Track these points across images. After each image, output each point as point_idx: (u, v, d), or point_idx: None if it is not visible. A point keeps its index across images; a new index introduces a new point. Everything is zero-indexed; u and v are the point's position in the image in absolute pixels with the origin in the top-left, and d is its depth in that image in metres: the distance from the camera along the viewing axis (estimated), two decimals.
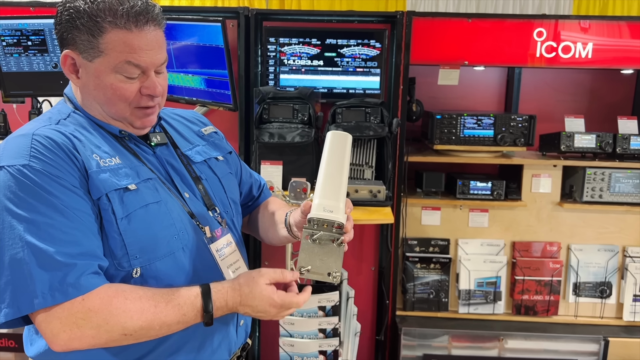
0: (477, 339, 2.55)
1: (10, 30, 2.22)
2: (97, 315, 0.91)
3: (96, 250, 0.96)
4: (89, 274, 0.93)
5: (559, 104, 2.93)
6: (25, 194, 0.91)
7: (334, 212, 1.04)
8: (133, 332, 0.94)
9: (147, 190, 1.03)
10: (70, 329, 0.91)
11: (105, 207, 0.98)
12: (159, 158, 1.12)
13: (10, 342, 2.55)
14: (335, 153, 1.12)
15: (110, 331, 0.93)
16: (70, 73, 1.04)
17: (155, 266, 1.02)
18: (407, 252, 2.63)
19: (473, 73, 2.88)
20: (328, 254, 1.04)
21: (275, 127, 2.33)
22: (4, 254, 0.90)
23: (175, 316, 0.97)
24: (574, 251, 2.62)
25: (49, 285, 0.89)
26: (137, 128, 1.09)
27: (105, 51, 0.99)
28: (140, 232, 1.00)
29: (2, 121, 2.57)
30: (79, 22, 0.97)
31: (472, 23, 2.42)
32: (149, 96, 1.04)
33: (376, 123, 2.35)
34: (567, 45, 2.44)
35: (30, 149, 0.94)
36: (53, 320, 0.90)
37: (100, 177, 0.98)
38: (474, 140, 2.54)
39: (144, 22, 0.99)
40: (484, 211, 2.61)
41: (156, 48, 1.02)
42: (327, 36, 2.47)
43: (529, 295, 2.62)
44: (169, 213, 1.05)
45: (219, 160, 1.24)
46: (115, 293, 0.94)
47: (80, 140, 1.01)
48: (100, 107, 1.06)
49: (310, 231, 1.04)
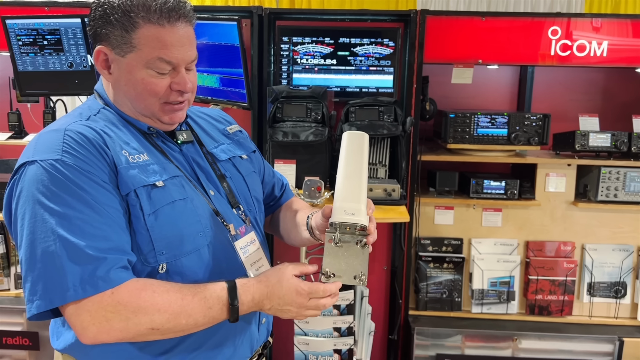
0: (491, 339, 2.54)
1: (27, 29, 2.24)
2: (126, 308, 0.92)
3: (125, 245, 0.97)
4: (118, 268, 0.93)
5: (572, 103, 2.91)
6: (57, 188, 0.92)
7: (355, 214, 1.03)
8: (160, 326, 0.94)
9: (174, 187, 1.04)
10: (100, 322, 0.91)
11: (133, 203, 0.98)
12: (185, 155, 1.13)
13: (24, 340, 2.56)
14: (353, 154, 1.10)
15: (138, 324, 0.93)
16: (102, 69, 1.05)
17: (181, 262, 1.03)
18: (420, 251, 2.62)
19: (485, 72, 2.87)
20: (353, 257, 1.03)
21: (289, 126, 2.33)
22: (37, 247, 0.91)
23: (202, 309, 0.96)
24: (589, 251, 2.60)
25: (79, 278, 0.90)
26: (166, 123, 1.09)
27: (138, 46, 1.00)
28: (166, 228, 1.00)
29: (16, 120, 2.60)
30: (112, 17, 0.99)
31: (486, 22, 2.41)
32: (178, 92, 1.05)
33: (390, 122, 2.35)
34: (582, 44, 2.42)
35: (62, 144, 0.95)
36: (83, 313, 0.91)
37: (129, 173, 0.99)
38: (488, 139, 2.53)
39: (176, 18, 1.00)
40: (497, 210, 2.60)
41: (187, 44, 1.03)
42: (340, 35, 2.47)
43: (542, 295, 2.60)
44: (195, 210, 1.05)
45: (243, 159, 1.25)
46: (144, 286, 0.95)
47: (110, 136, 1.02)
48: (130, 103, 1.06)
49: (332, 235, 1.03)
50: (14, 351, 2.57)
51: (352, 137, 1.12)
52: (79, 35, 2.23)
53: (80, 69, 2.29)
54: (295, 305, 1.01)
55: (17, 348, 2.56)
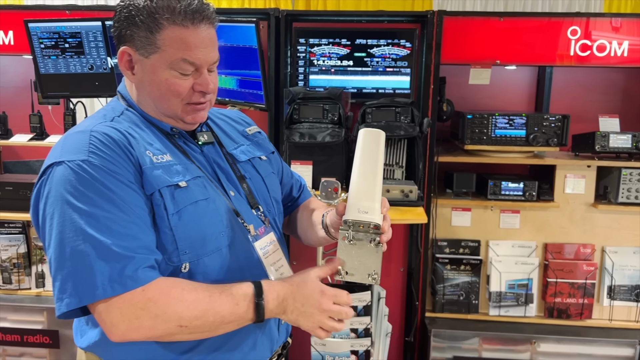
0: (509, 342, 2.52)
1: (48, 33, 2.28)
2: (156, 305, 0.93)
3: (151, 243, 0.98)
4: (146, 267, 0.94)
5: (591, 103, 2.87)
6: (85, 188, 0.93)
7: (369, 213, 1.02)
8: (189, 323, 0.94)
9: (197, 187, 1.05)
10: (129, 319, 0.92)
11: (157, 203, 0.99)
12: (206, 156, 1.14)
13: (45, 338, 2.60)
14: (369, 151, 1.09)
15: (167, 321, 0.93)
16: (126, 69, 1.07)
17: (203, 262, 1.03)
18: (436, 253, 2.61)
19: (503, 73, 2.84)
20: (366, 255, 1.02)
21: (306, 127, 2.34)
22: (66, 246, 0.92)
23: (229, 306, 0.97)
24: (609, 253, 2.57)
25: (108, 277, 0.91)
26: (188, 124, 1.11)
27: (162, 47, 1.01)
28: (190, 227, 1.01)
29: (38, 122, 2.64)
30: (137, 19, 1.00)
31: (504, 22, 2.40)
32: (201, 93, 1.06)
33: (407, 123, 2.34)
34: (602, 44, 2.39)
35: (88, 145, 0.97)
36: (113, 310, 0.92)
37: (154, 173, 1.00)
38: (506, 140, 2.51)
39: (200, 20, 1.02)
40: (515, 212, 2.58)
41: (210, 46, 1.04)
42: (356, 36, 2.47)
43: (561, 298, 2.57)
44: (217, 210, 1.06)
45: (262, 160, 1.25)
46: (173, 284, 0.96)
47: (134, 137, 1.03)
48: (153, 103, 1.08)
49: (346, 233, 1.03)
50: (34, 349, 2.61)
51: (368, 134, 1.11)
52: (99, 38, 2.27)
53: (100, 71, 2.33)
54: (319, 307, 1.01)
55: (38, 346, 2.60)
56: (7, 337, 2.60)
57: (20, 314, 2.61)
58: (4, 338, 2.59)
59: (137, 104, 1.10)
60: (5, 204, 2.58)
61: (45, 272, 2.67)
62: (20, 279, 2.65)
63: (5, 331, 2.59)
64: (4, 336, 2.59)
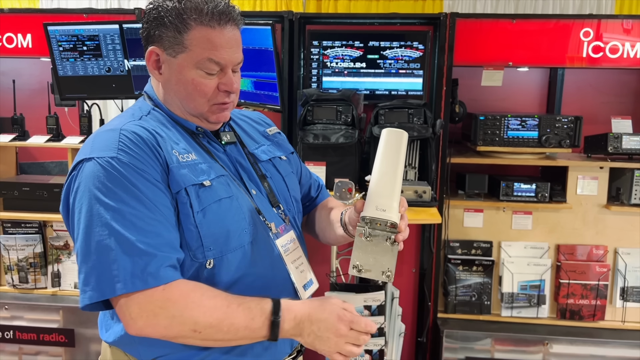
0: (521, 343, 2.52)
1: (67, 35, 2.32)
2: (175, 306, 0.95)
3: (175, 242, 1.00)
4: (168, 267, 0.96)
5: (603, 105, 2.87)
6: (112, 184, 0.96)
7: (387, 210, 1.03)
8: (203, 329, 0.96)
9: (220, 185, 1.07)
10: (147, 315, 0.94)
11: (183, 201, 1.02)
12: (229, 156, 1.16)
13: (60, 337, 2.63)
14: (390, 151, 1.10)
15: (182, 323, 0.95)
16: (153, 69, 1.10)
17: (227, 258, 1.06)
18: (449, 254, 2.62)
19: (514, 75, 2.86)
20: (382, 253, 1.03)
21: (319, 129, 2.36)
22: (91, 240, 0.95)
23: (244, 319, 0.97)
24: (622, 255, 2.56)
25: (130, 272, 0.93)
26: (212, 123, 1.13)
27: (189, 47, 1.04)
28: (214, 224, 1.04)
29: (54, 124, 2.68)
30: (166, 19, 1.03)
31: (517, 24, 2.41)
32: (225, 92, 1.09)
33: (419, 124, 2.36)
34: (615, 45, 2.40)
35: (118, 143, 1.00)
36: (133, 305, 0.94)
37: (180, 172, 1.03)
38: (518, 142, 2.52)
39: (226, 21, 1.05)
40: (527, 213, 2.58)
41: (235, 47, 1.07)
42: (369, 38, 2.49)
43: (574, 300, 2.57)
44: (239, 208, 1.08)
45: (282, 160, 1.28)
46: (194, 287, 0.98)
47: (161, 136, 1.06)
48: (180, 103, 1.11)
49: (363, 229, 1.04)
50: (50, 347, 2.64)
51: (390, 134, 1.12)
52: (116, 41, 2.30)
53: (117, 73, 2.36)
54: (335, 332, 0.99)
55: (54, 345, 2.63)
56: (24, 335, 2.63)
57: (36, 312, 2.64)
58: (20, 337, 2.63)
59: (163, 104, 1.13)
60: (22, 204, 2.63)
61: (61, 271, 2.70)
62: (37, 279, 2.69)
63: (22, 330, 2.63)
64: (21, 335, 2.63)
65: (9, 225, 2.67)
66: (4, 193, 2.62)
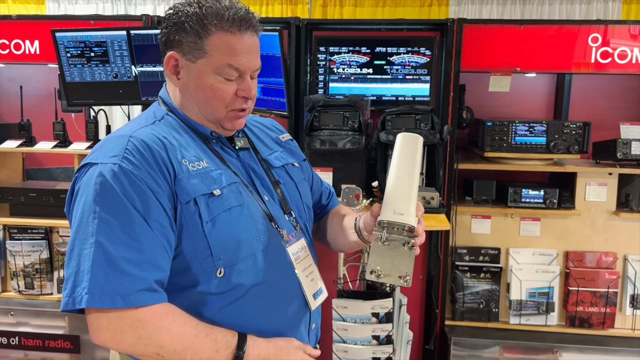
0: (530, 351, 2.49)
1: (75, 42, 2.32)
2: (143, 328, 0.93)
3: (158, 259, 0.97)
4: (141, 290, 0.94)
5: (610, 111, 2.86)
6: (107, 193, 0.95)
7: (404, 215, 1.02)
8: (166, 355, 0.95)
9: (231, 194, 1.06)
10: (114, 331, 0.93)
11: (192, 211, 1.00)
12: (242, 161, 1.15)
13: (66, 343, 2.63)
14: (406, 155, 1.10)
15: (148, 345, 0.94)
16: (171, 74, 1.09)
17: (238, 267, 1.04)
18: (456, 261, 2.60)
19: (521, 80, 2.84)
20: (399, 257, 1.02)
21: (326, 135, 2.35)
22: (75, 246, 0.94)
23: (209, 350, 0.97)
24: (631, 262, 2.54)
25: (101, 289, 0.92)
26: (227, 129, 1.13)
27: (209, 52, 1.04)
28: (224, 234, 1.02)
29: (61, 130, 2.68)
30: (187, 24, 1.03)
31: (524, 29, 2.40)
32: (243, 98, 1.08)
33: (427, 130, 2.35)
34: (623, 51, 2.39)
35: (124, 150, 0.99)
36: (102, 317, 0.93)
37: (190, 182, 1.02)
38: (526, 148, 2.50)
39: (246, 28, 1.05)
40: (535, 220, 2.56)
41: (254, 53, 1.07)
42: (376, 44, 2.49)
43: (583, 307, 2.54)
44: (250, 216, 1.07)
45: (294, 167, 1.27)
46: (166, 312, 0.96)
47: (172, 144, 1.05)
48: (197, 108, 1.10)
49: (380, 234, 1.03)
50: (55, 354, 2.63)
51: (406, 138, 1.12)
52: (124, 47, 2.31)
53: (124, 79, 2.36)
54: None
55: (59, 351, 2.63)
56: (29, 342, 2.63)
57: (42, 319, 2.63)
58: (25, 343, 2.62)
59: (179, 109, 1.12)
60: (28, 210, 2.63)
61: None
62: (43, 284, 2.68)
63: (27, 336, 2.62)
64: (26, 341, 2.62)
65: (15, 231, 2.67)
66: (11, 199, 2.62)
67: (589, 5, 3.55)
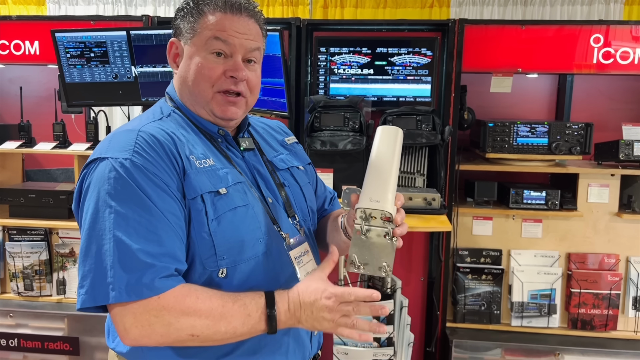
0: (532, 353, 2.47)
1: (74, 42, 2.31)
2: (170, 313, 0.92)
3: (177, 252, 0.97)
4: (164, 277, 0.93)
5: (612, 112, 2.85)
6: (121, 187, 0.94)
7: (380, 202, 1.01)
8: (200, 332, 0.94)
9: (237, 193, 1.05)
10: (142, 325, 0.92)
11: (199, 208, 0.99)
12: (247, 162, 1.14)
13: (65, 345, 2.61)
14: (385, 146, 1.10)
15: (179, 329, 0.93)
16: (172, 62, 1.11)
17: (240, 268, 1.03)
18: (457, 262, 2.58)
19: (523, 81, 2.83)
20: (379, 248, 1.02)
21: (327, 135, 2.34)
22: (92, 243, 0.93)
23: (241, 316, 0.96)
24: (634, 264, 2.52)
25: (126, 282, 0.91)
26: (218, 118, 1.10)
27: (199, 30, 1.06)
28: (228, 233, 1.01)
29: (61, 131, 2.67)
30: (186, 10, 1.07)
31: (526, 30, 2.39)
32: (232, 79, 1.06)
33: (428, 131, 2.34)
34: (626, 51, 2.38)
35: (134, 144, 0.98)
36: (127, 314, 0.92)
37: (197, 178, 1.01)
38: (528, 149, 2.49)
39: (238, 9, 1.06)
40: (537, 221, 2.55)
41: (247, 33, 1.06)
42: (377, 45, 2.48)
43: (585, 309, 2.53)
44: (255, 217, 1.06)
45: (299, 170, 1.25)
46: (188, 292, 0.95)
47: (180, 140, 1.04)
48: (189, 93, 1.09)
49: (360, 226, 1.02)
50: (54, 356, 2.62)
51: (385, 131, 1.13)
52: (124, 48, 2.30)
53: (124, 80, 2.35)
54: (327, 310, 0.96)
55: (58, 353, 2.61)
56: (28, 343, 2.61)
57: (41, 320, 2.62)
58: (24, 345, 2.61)
59: (180, 99, 1.12)
60: (27, 211, 2.62)
61: (66, 279, 2.68)
62: (42, 286, 2.67)
63: (26, 338, 2.61)
64: (25, 343, 2.61)
65: (14, 232, 2.65)
66: (10, 200, 2.61)
67: (591, 6, 3.54)
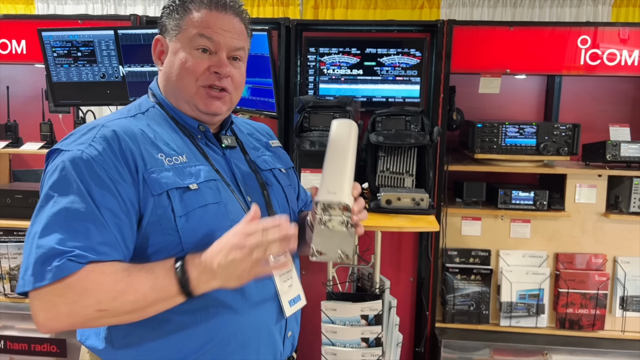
0: (520, 353, 2.49)
1: (61, 41, 2.29)
2: (73, 291, 0.89)
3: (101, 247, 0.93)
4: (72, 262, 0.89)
5: (600, 113, 2.87)
6: (65, 179, 0.94)
7: (337, 193, 1.05)
8: (107, 306, 0.91)
9: (209, 190, 1.04)
10: (47, 308, 0.89)
11: (164, 205, 0.98)
12: (227, 160, 1.14)
13: (52, 347, 2.59)
14: (339, 140, 1.13)
15: (84, 307, 0.90)
16: (157, 59, 1.12)
17: None
18: (446, 262, 2.59)
19: (511, 82, 2.85)
20: (339, 237, 1.05)
21: (316, 136, 2.34)
22: (30, 230, 0.93)
23: (148, 280, 0.92)
24: (621, 264, 2.54)
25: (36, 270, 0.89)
26: (202, 113, 1.10)
27: (185, 27, 1.07)
28: (197, 231, 1.00)
29: (48, 130, 2.65)
30: (172, 7, 1.09)
31: (514, 31, 2.40)
32: (215, 74, 1.07)
33: (417, 131, 2.34)
34: (612, 53, 2.40)
35: (92, 139, 0.98)
36: (35, 300, 0.90)
37: (163, 174, 1.00)
38: (516, 149, 2.50)
39: (223, 8, 1.08)
40: (526, 222, 2.56)
41: (232, 32, 1.08)
42: (366, 45, 2.48)
43: (573, 309, 2.54)
44: (227, 214, 1.04)
45: (282, 172, 1.25)
46: (93, 268, 0.91)
47: (149, 136, 1.03)
48: (173, 89, 1.10)
49: (320, 216, 1.06)
50: (41, 358, 2.59)
51: (339, 124, 1.16)
52: (111, 47, 2.28)
53: (112, 79, 2.34)
54: (237, 249, 0.91)
55: (45, 355, 2.59)
56: (15, 345, 2.59)
57: (27, 322, 2.60)
58: (11, 347, 2.58)
59: (164, 95, 1.12)
60: (14, 212, 2.59)
61: None
62: None
63: (13, 340, 2.58)
64: (12, 345, 2.58)
65: (1, 233, 2.63)
66: None
67: (579, 8, 3.56)
